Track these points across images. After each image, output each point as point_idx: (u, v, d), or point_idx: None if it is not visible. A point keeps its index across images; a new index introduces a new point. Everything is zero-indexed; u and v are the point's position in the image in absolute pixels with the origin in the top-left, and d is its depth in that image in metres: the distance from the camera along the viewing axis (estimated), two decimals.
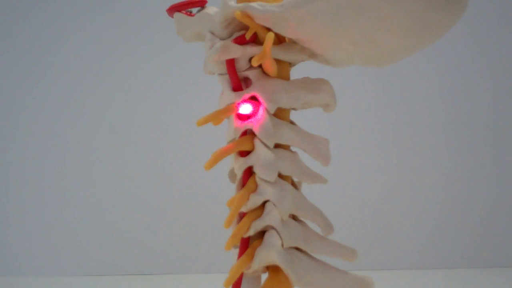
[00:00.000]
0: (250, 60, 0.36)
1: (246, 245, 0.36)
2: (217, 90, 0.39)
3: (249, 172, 0.37)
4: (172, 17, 0.39)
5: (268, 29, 0.35)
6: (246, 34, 0.35)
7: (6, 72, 0.86)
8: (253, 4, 0.34)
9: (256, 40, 0.36)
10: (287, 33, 0.36)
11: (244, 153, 0.37)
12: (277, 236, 0.36)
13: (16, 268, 0.83)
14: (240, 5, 0.34)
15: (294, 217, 0.39)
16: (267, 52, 0.34)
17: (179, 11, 0.38)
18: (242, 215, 0.37)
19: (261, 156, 0.36)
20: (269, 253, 0.36)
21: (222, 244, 0.36)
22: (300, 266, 0.37)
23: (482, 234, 0.87)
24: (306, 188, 0.40)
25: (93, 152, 0.86)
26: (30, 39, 0.87)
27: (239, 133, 0.37)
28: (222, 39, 0.36)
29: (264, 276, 0.38)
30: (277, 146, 0.38)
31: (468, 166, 0.88)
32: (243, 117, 0.37)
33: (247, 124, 0.37)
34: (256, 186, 0.37)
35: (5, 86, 0.86)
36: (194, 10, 0.38)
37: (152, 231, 0.84)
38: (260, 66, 0.37)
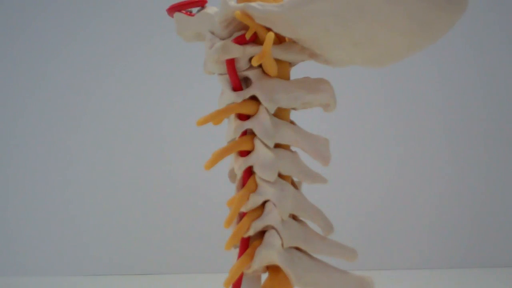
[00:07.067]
0: (250, 60, 0.36)
1: (246, 245, 0.36)
2: (217, 90, 0.39)
3: (249, 172, 0.37)
4: (172, 17, 0.39)
5: (268, 29, 0.35)
6: (246, 34, 0.35)
7: (6, 73, 0.86)
8: (253, 4, 0.34)
9: (256, 40, 0.36)
10: (287, 33, 0.36)
11: (244, 153, 0.37)
12: (277, 236, 0.36)
13: (16, 268, 0.83)
14: (240, 5, 0.34)
15: (294, 217, 0.39)
16: (267, 52, 0.34)
17: (179, 11, 0.38)
18: (242, 215, 0.37)
19: (261, 156, 0.36)
20: (269, 253, 0.36)
21: (222, 244, 0.36)
22: (300, 266, 0.37)
23: (482, 234, 0.87)
24: (306, 188, 0.40)
25: (93, 152, 0.86)
26: (30, 39, 0.87)
27: (239, 133, 0.37)
28: (222, 39, 0.36)
29: (264, 276, 0.38)
30: (277, 146, 0.38)
31: (468, 166, 0.88)
32: (243, 117, 0.37)
33: (247, 124, 0.37)
34: (256, 186, 0.37)
35: (5, 86, 0.86)
36: (194, 10, 0.38)
37: (152, 231, 0.84)
38: (260, 66, 0.37)
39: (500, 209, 0.87)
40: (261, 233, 0.37)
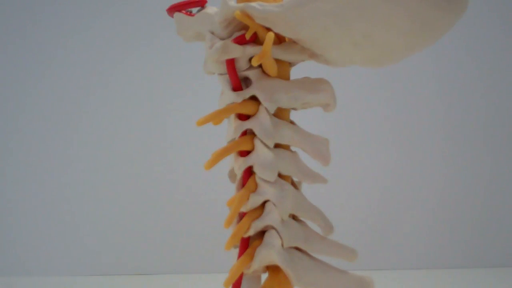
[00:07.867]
0: (250, 60, 0.36)
1: (246, 245, 0.36)
2: (217, 90, 0.39)
3: (249, 172, 0.37)
4: (172, 17, 0.39)
5: (268, 29, 0.35)
6: (246, 34, 0.35)
7: (7, 73, 0.86)
8: (253, 4, 0.34)
9: (256, 40, 0.36)
10: (287, 33, 0.36)
11: (244, 153, 0.37)
12: (277, 236, 0.36)
13: (16, 268, 0.83)
14: (240, 5, 0.34)
15: (294, 217, 0.39)
16: (267, 52, 0.34)
17: (179, 11, 0.38)
18: (242, 215, 0.37)
19: (261, 156, 0.36)
20: (269, 253, 0.36)
21: (222, 244, 0.36)
22: (300, 266, 0.37)
23: (482, 234, 0.87)
24: (306, 188, 0.40)
25: (94, 152, 0.86)
26: (31, 39, 0.87)
27: (239, 133, 0.37)
28: (222, 39, 0.36)
29: (264, 276, 0.38)
30: (277, 146, 0.38)
31: (468, 166, 0.88)
32: (243, 117, 0.37)
33: (247, 124, 0.37)
34: (256, 186, 0.37)
35: (6, 86, 0.86)
36: (194, 10, 0.38)
37: (152, 231, 0.84)
38: (260, 66, 0.37)
39: (500, 209, 0.87)
40: (261, 233, 0.37)
